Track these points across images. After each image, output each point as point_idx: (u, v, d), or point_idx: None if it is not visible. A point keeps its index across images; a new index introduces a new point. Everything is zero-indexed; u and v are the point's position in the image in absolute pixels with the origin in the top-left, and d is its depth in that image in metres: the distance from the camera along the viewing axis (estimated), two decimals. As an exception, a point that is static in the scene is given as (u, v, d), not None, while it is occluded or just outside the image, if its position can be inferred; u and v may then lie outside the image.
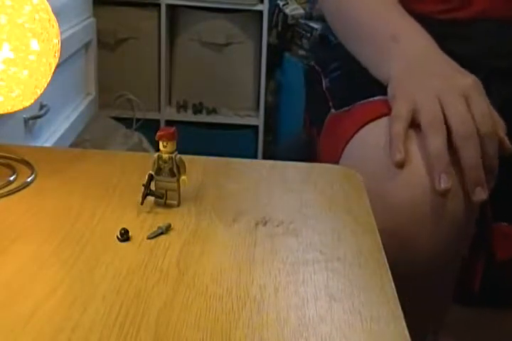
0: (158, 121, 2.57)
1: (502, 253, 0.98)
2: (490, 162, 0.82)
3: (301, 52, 2.43)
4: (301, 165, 0.81)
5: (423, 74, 0.88)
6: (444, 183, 0.78)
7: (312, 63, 1.16)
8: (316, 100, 1.11)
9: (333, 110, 1.01)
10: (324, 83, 1.09)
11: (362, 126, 0.90)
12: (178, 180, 0.68)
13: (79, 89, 2.00)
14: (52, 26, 0.69)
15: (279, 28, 2.55)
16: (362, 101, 0.95)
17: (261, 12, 2.50)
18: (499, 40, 1.02)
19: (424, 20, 0.95)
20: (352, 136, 0.91)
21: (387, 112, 0.87)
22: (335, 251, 0.61)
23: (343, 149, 0.92)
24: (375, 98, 0.93)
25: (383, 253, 0.62)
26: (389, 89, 0.89)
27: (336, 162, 0.92)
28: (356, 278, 0.58)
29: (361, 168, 0.82)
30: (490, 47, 1.02)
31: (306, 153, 1.16)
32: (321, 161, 0.99)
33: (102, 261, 0.58)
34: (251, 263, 0.59)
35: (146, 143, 2.23)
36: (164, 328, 0.50)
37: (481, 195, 0.81)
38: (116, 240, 0.61)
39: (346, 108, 0.97)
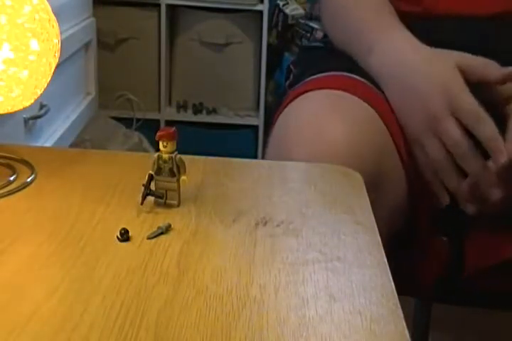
0: (158, 121, 2.58)
1: (474, 262, 0.93)
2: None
3: (301, 52, 2.43)
4: (301, 165, 0.81)
5: (401, 92, 0.91)
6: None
7: (290, 64, 1.16)
8: (280, 97, 1.12)
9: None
10: (288, 80, 1.09)
11: (292, 100, 0.93)
12: (178, 180, 0.68)
13: (79, 89, 2.00)
14: (52, 26, 0.69)
15: (279, 28, 2.55)
16: (296, 86, 0.97)
17: (261, 12, 2.50)
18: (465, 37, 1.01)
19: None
20: (281, 112, 0.93)
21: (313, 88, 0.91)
22: (335, 251, 0.61)
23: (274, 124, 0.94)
24: (309, 78, 0.96)
25: (383, 253, 0.62)
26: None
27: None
28: (356, 278, 0.57)
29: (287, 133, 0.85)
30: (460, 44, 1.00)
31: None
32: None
33: (102, 261, 0.58)
34: (251, 263, 0.59)
35: (146, 143, 2.23)
36: (164, 328, 0.50)
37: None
38: (116, 240, 0.61)
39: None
